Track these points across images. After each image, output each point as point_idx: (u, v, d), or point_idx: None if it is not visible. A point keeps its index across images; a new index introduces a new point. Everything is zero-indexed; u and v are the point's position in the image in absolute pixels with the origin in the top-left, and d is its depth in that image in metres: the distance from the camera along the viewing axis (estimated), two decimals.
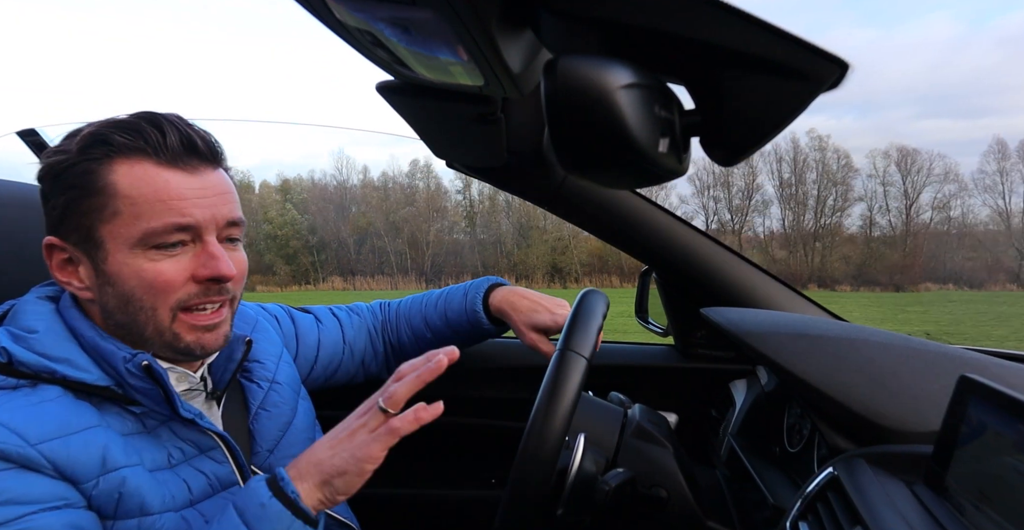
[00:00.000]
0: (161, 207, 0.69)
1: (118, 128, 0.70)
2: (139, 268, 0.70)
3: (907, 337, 0.85)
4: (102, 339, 0.71)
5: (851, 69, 0.37)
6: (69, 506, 0.64)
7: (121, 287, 0.71)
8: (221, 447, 0.78)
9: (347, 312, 1.17)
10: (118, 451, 0.68)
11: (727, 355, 1.40)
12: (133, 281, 0.70)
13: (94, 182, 0.69)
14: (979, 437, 0.58)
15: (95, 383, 0.69)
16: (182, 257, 0.72)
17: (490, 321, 1.12)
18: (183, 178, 0.71)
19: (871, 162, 22.85)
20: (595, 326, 0.72)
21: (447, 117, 0.90)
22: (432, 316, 1.15)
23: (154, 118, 0.71)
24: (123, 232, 0.69)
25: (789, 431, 1.01)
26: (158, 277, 0.70)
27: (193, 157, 0.72)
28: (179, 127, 0.72)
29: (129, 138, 0.69)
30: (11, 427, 0.63)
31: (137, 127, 0.70)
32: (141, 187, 0.69)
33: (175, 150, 0.70)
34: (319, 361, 1.07)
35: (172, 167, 0.70)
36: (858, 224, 25.16)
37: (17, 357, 0.68)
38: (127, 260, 0.70)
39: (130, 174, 0.69)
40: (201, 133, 0.74)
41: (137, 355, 0.70)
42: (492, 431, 1.42)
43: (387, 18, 0.54)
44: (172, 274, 0.71)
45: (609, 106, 0.41)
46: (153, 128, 0.70)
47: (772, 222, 24.49)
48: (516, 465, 0.69)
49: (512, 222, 34.12)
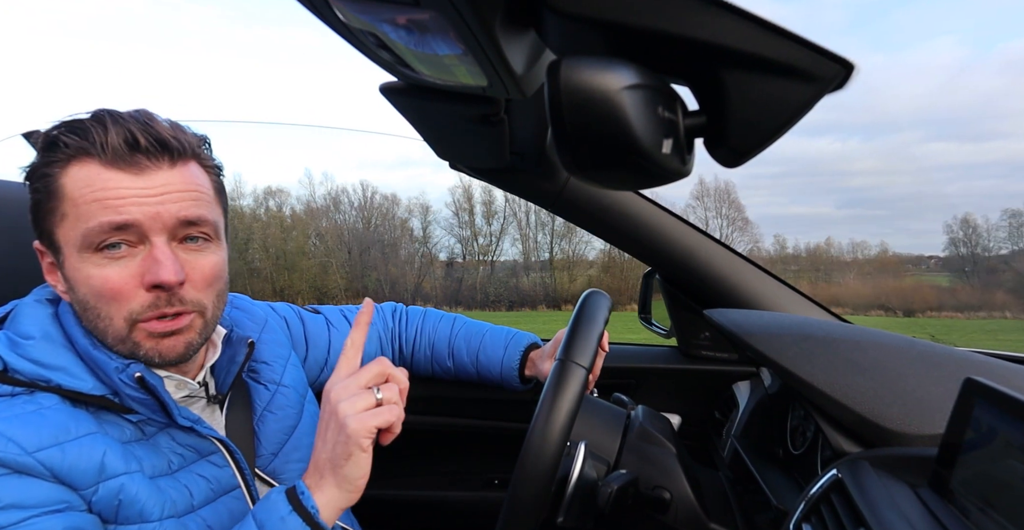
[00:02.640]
0: (96, 206, 0.67)
1: (68, 128, 0.69)
2: (88, 274, 0.68)
3: (912, 339, 0.85)
4: (94, 348, 0.70)
5: (856, 70, 0.37)
6: (71, 509, 0.64)
7: (77, 294, 0.70)
8: (222, 451, 0.78)
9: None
10: (116, 458, 0.67)
11: (730, 357, 1.39)
12: (85, 287, 0.69)
13: (50, 185, 0.68)
14: (984, 440, 0.57)
15: (90, 392, 0.69)
16: (129, 261, 0.68)
17: (522, 381, 1.13)
18: (124, 177, 0.68)
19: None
20: (595, 333, 0.72)
21: (450, 118, 0.90)
22: (461, 351, 1.16)
23: (102, 116, 0.69)
24: (71, 236, 0.68)
25: (793, 433, 1.01)
26: (105, 284, 0.68)
27: (137, 155, 0.68)
28: (125, 124, 0.68)
29: (76, 139, 0.68)
30: (8, 435, 0.62)
31: (84, 127, 0.68)
32: (83, 189, 0.67)
33: (116, 149, 0.68)
34: (329, 364, 1.06)
35: (114, 167, 0.68)
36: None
37: (12, 365, 0.67)
38: (77, 265, 0.68)
39: (77, 176, 0.68)
40: (151, 130, 0.69)
41: (130, 365, 0.69)
42: (493, 432, 1.42)
43: (390, 19, 0.54)
44: (118, 280, 0.68)
45: (613, 107, 0.41)
46: (98, 125, 0.68)
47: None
48: (514, 477, 0.69)
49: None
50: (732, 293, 1.26)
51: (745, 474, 1.01)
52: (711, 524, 0.89)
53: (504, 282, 18.80)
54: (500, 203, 18.99)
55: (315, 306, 1.13)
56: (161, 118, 0.72)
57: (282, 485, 0.71)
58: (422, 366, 1.19)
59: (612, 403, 1.01)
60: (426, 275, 18.17)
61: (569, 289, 18.66)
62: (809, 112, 0.43)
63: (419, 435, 1.44)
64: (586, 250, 19.70)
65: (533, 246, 19.39)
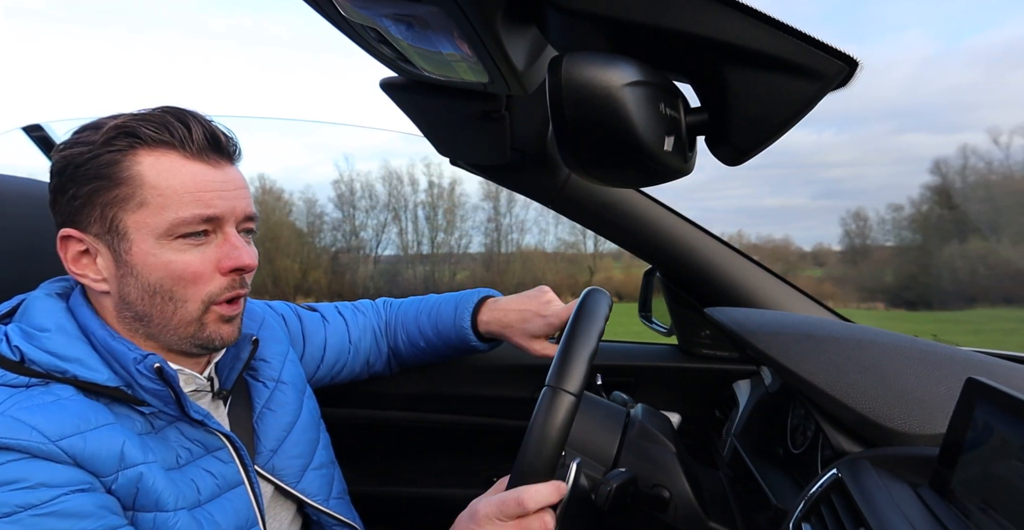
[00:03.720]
0: (189, 198, 0.70)
1: (145, 121, 0.71)
2: (167, 260, 0.71)
3: (914, 338, 0.85)
4: (113, 339, 0.72)
5: (860, 66, 0.37)
6: (95, 489, 0.65)
7: (146, 278, 0.71)
8: (228, 447, 0.78)
9: (352, 310, 1.16)
10: (135, 448, 0.68)
11: (731, 355, 1.39)
12: (161, 272, 0.71)
13: (119, 173, 0.70)
14: (986, 440, 0.57)
15: (105, 384, 0.70)
16: (206, 248, 0.73)
17: (480, 339, 1.10)
18: (208, 171, 0.73)
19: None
20: (586, 355, 0.70)
21: (451, 115, 0.90)
22: (425, 326, 1.14)
23: (180, 113, 0.73)
24: (150, 222, 0.70)
25: (793, 432, 1.01)
26: (187, 268, 0.71)
27: (216, 152, 0.74)
28: (203, 122, 0.74)
29: (155, 131, 0.70)
30: (31, 424, 0.63)
31: (163, 120, 0.71)
32: (169, 178, 0.70)
33: (200, 144, 0.72)
34: (325, 360, 1.07)
35: (197, 160, 0.72)
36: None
37: (29, 356, 0.68)
38: (153, 250, 0.71)
39: (156, 165, 0.70)
40: (223, 129, 0.76)
41: (148, 356, 0.71)
42: (494, 429, 1.42)
43: (392, 15, 0.53)
44: (199, 265, 0.72)
45: (614, 104, 0.41)
46: (179, 122, 0.72)
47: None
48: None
49: None
50: (733, 291, 1.26)
51: (745, 473, 1.01)
52: (710, 523, 0.89)
53: (385, 276, 18.66)
54: (384, 197, 18.73)
55: (311, 304, 1.14)
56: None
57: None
58: (408, 354, 1.17)
59: (612, 401, 1.01)
60: (309, 270, 18.04)
61: (450, 284, 18.42)
62: (812, 110, 0.42)
63: (420, 432, 1.44)
64: (468, 245, 19.38)
65: (414, 240, 19.02)
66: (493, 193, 17.84)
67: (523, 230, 19.13)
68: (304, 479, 0.88)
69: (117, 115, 0.73)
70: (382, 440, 1.44)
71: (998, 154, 16.19)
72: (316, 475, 0.90)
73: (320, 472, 0.91)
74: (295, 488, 0.87)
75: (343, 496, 0.96)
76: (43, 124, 1.41)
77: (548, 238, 20.28)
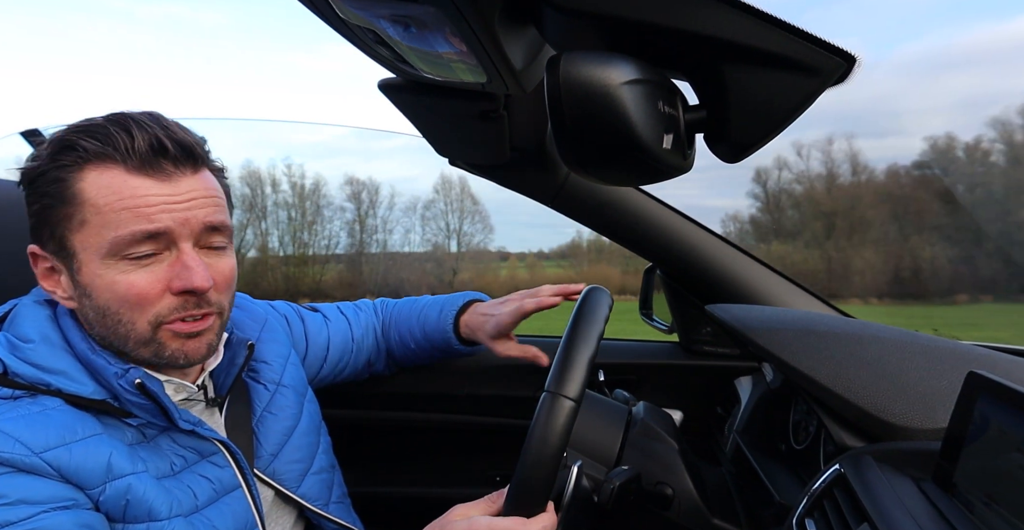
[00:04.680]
0: (127, 215, 0.66)
1: (86, 133, 0.67)
2: (112, 280, 0.67)
3: (915, 333, 0.85)
4: (92, 353, 0.70)
5: (859, 62, 0.37)
6: (78, 506, 0.64)
7: (96, 299, 0.68)
8: (222, 452, 0.78)
9: (355, 309, 1.16)
10: (123, 459, 0.67)
11: (732, 352, 1.39)
12: (107, 294, 0.68)
13: (64, 190, 0.67)
14: (988, 434, 0.57)
15: (91, 397, 0.68)
16: (156, 267, 0.68)
17: (461, 342, 1.12)
18: (152, 184, 0.67)
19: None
20: (585, 358, 0.70)
21: (450, 114, 0.90)
22: (415, 328, 1.14)
23: (123, 120, 0.68)
24: (93, 242, 0.67)
25: (795, 428, 1.01)
26: (130, 290, 0.67)
27: (164, 160, 0.68)
28: (149, 129, 0.68)
29: (97, 143, 0.66)
30: (14, 436, 0.62)
31: (105, 131, 0.67)
32: (107, 195, 0.66)
33: (143, 154, 0.67)
34: (328, 360, 1.06)
35: (140, 173, 0.67)
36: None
37: (12, 368, 0.67)
38: (99, 271, 0.67)
39: (97, 182, 0.66)
40: (176, 135, 0.69)
41: (129, 371, 0.69)
42: (495, 429, 1.42)
43: (390, 16, 0.53)
44: (144, 286, 0.67)
45: (612, 102, 0.41)
46: (122, 131, 0.67)
47: None
48: (504, 514, 0.69)
49: None
50: (734, 288, 1.26)
51: (747, 469, 1.01)
52: (714, 520, 0.89)
53: (245, 277, 18.63)
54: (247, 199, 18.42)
55: (313, 304, 1.13)
56: (171, 121, 0.71)
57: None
58: (402, 355, 1.18)
59: (614, 399, 1.01)
60: None
61: (313, 285, 18.20)
62: (810, 106, 0.42)
63: (421, 432, 1.44)
64: (335, 246, 19.17)
65: (278, 240, 18.73)
66: (356, 194, 17.93)
67: (388, 231, 19.26)
68: (304, 484, 0.88)
69: (67, 126, 0.68)
70: (383, 440, 1.44)
71: (800, 165, 18.22)
72: (316, 480, 0.90)
73: (320, 477, 0.91)
74: (295, 493, 0.86)
75: (343, 500, 0.95)
76: (41, 129, 1.41)
77: (413, 238, 20.44)
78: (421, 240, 20.71)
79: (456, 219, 22.38)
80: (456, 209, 22.58)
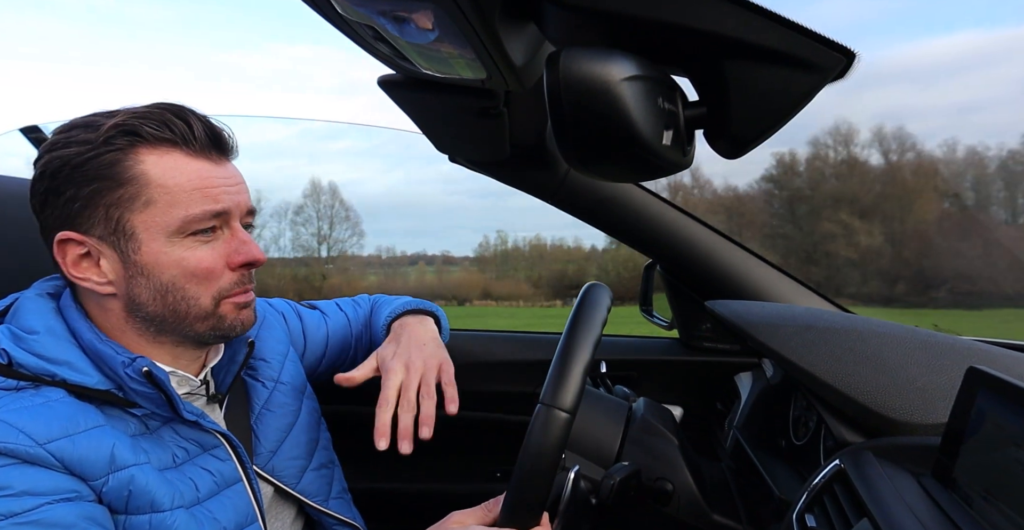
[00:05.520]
0: (197, 195, 0.71)
1: (144, 119, 0.70)
2: (180, 257, 0.71)
3: (914, 328, 0.85)
4: (100, 342, 0.71)
5: (858, 58, 0.37)
6: (81, 498, 0.64)
7: (158, 277, 0.71)
8: (224, 445, 0.78)
9: (353, 306, 1.15)
10: (126, 450, 0.68)
11: (732, 348, 1.39)
12: (174, 269, 0.71)
13: (122, 172, 0.69)
14: (988, 429, 0.57)
15: (95, 387, 0.69)
16: (216, 243, 0.73)
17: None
18: (211, 167, 0.73)
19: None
20: (580, 368, 0.70)
21: (449, 111, 0.90)
22: (375, 326, 1.08)
23: (179, 109, 0.73)
24: (159, 221, 0.70)
25: (795, 423, 1.01)
26: (200, 264, 0.72)
27: (217, 148, 0.74)
28: (201, 119, 0.74)
29: (156, 128, 0.70)
30: (18, 427, 0.63)
31: (163, 118, 0.71)
32: (175, 176, 0.70)
33: (203, 141, 0.72)
34: (327, 357, 1.06)
35: (200, 157, 0.72)
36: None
37: (17, 359, 0.67)
38: (164, 249, 0.70)
39: (160, 163, 0.70)
40: (222, 126, 0.76)
41: (136, 360, 0.70)
42: (495, 425, 1.42)
43: (389, 12, 0.53)
44: (211, 261, 0.73)
45: (612, 98, 0.41)
46: (179, 119, 0.72)
47: None
48: (500, 521, 0.70)
49: None
50: (733, 284, 1.26)
51: (747, 465, 1.02)
52: (714, 515, 0.89)
53: None
54: None
55: (311, 301, 1.13)
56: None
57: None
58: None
59: (614, 395, 1.01)
60: None
61: None
62: (810, 102, 0.42)
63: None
64: None
65: None
66: None
67: (258, 236, 19.28)
68: (303, 480, 0.88)
69: (113, 113, 0.71)
70: None
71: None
72: (315, 476, 0.90)
73: (319, 473, 0.91)
74: (295, 489, 0.87)
75: (343, 495, 0.96)
76: (41, 125, 1.41)
77: (283, 242, 21.18)
78: (293, 246, 21.65)
79: (327, 225, 22.88)
80: (327, 216, 23.12)
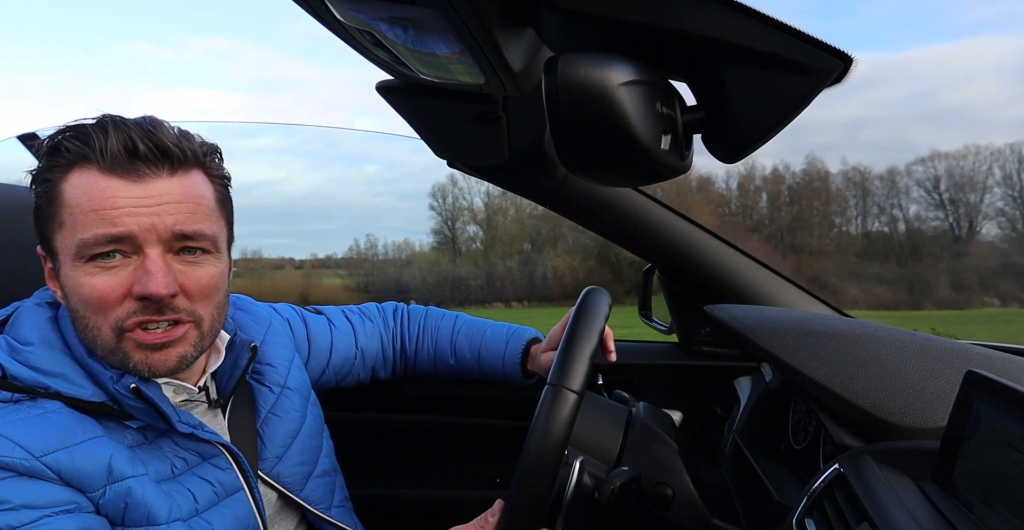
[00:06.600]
0: (94, 217, 0.65)
1: (71, 134, 0.67)
2: (78, 283, 0.67)
3: (913, 333, 0.85)
4: (89, 357, 0.70)
5: (855, 63, 0.37)
6: (80, 510, 0.64)
7: (70, 302, 0.69)
8: (224, 454, 0.77)
9: (360, 316, 1.15)
10: (124, 461, 0.67)
11: (731, 352, 1.39)
12: (76, 296, 0.67)
13: (51, 191, 0.67)
14: (987, 433, 0.57)
15: (90, 399, 0.68)
16: (120, 271, 0.67)
17: (525, 376, 1.10)
18: (122, 186, 0.66)
19: None
20: (587, 353, 0.70)
21: (448, 116, 0.90)
22: (463, 348, 1.14)
23: (104, 122, 0.67)
24: (66, 244, 0.67)
25: (794, 428, 1.01)
26: (92, 292, 0.66)
27: (136, 162, 0.67)
28: (126, 130, 0.67)
29: (78, 144, 0.66)
30: (15, 440, 0.62)
31: (86, 132, 0.67)
32: (80, 196, 0.66)
33: (115, 155, 0.66)
34: (331, 365, 1.06)
35: (112, 174, 0.66)
36: None
37: (11, 372, 0.67)
38: (70, 273, 0.67)
39: (75, 183, 0.66)
40: (154, 137, 0.68)
41: (124, 377, 0.69)
42: (495, 430, 1.42)
43: (387, 18, 0.53)
44: (105, 289, 0.66)
45: (611, 103, 0.41)
46: (99, 131, 0.66)
47: None
48: (508, 505, 0.69)
49: None
50: (732, 288, 1.26)
51: (747, 469, 1.01)
52: (714, 520, 0.89)
53: None
54: None
55: (316, 306, 1.12)
56: (169, 126, 0.71)
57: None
58: (425, 365, 1.18)
59: (613, 400, 1.01)
60: None
61: None
62: (807, 106, 0.43)
63: (420, 434, 1.44)
64: None
65: None
66: None
67: None
68: (307, 487, 0.88)
69: (65, 128, 0.69)
70: (384, 442, 1.44)
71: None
72: (319, 483, 0.90)
73: (323, 480, 0.91)
74: (298, 496, 0.86)
75: (345, 504, 0.95)
76: (39, 132, 1.41)
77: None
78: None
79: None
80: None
